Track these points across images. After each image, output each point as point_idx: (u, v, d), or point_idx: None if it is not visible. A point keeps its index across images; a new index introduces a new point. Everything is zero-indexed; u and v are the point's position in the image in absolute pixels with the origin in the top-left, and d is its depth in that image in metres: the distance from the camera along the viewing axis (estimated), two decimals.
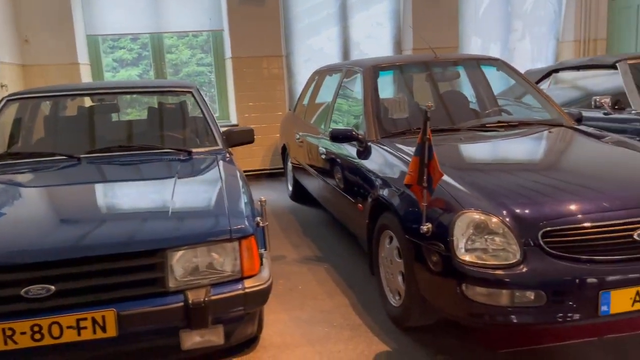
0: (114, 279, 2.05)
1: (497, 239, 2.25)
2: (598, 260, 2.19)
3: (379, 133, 3.42)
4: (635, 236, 2.21)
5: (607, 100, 4.31)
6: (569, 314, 2.16)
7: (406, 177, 2.43)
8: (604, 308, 2.15)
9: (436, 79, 4.05)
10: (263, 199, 2.44)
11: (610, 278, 2.15)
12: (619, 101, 4.30)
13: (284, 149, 6.01)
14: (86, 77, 6.69)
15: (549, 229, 2.21)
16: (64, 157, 3.09)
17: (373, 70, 3.83)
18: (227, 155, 3.27)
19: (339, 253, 4.04)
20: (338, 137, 3.49)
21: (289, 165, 5.77)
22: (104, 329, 1.97)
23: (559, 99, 5.26)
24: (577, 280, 2.15)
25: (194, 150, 3.28)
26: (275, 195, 6.18)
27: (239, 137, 3.55)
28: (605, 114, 4.35)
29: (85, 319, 1.96)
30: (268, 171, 7.34)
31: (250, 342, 2.73)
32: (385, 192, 2.90)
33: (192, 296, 2.03)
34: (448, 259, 2.29)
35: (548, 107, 3.74)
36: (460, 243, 2.27)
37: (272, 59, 7.08)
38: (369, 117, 3.52)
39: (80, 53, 6.50)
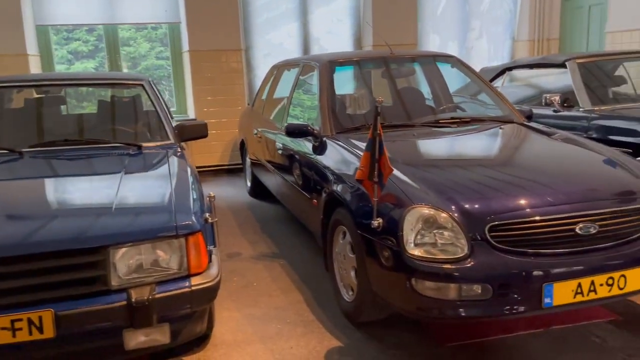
0: (53, 277, 1.96)
1: (445, 233, 2.27)
2: (542, 254, 2.24)
3: (334, 128, 3.41)
4: (577, 230, 2.27)
5: (556, 98, 4.42)
6: (514, 307, 2.20)
7: (357, 172, 2.43)
8: (547, 300, 2.20)
9: (392, 75, 4.07)
10: (212, 195, 2.39)
11: (553, 271, 2.21)
12: (568, 99, 4.42)
13: (242, 145, 5.94)
14: (35, 68, 6.44)
15: (495, 223, 2.25)
16: (5, 152, 2.96)
17: (329, 66, 3.81)
18: (179, 149, 3.20)
19: (295, 249, 4.02)
20: (294, 132, 3.46)
21: (248, 160, 5.71)
22: (40, 330, 1.89)
23: (513, 96, 5.37)
24: (521, 273, 2.19)
25: (144, 144, 3.19)
26: (233, 191, 6.10)
27: (192, 132, 3.48)
28: (555, 111, 4.47)
29: (20, 319, 1.87)
30: (227, 167, 7.25)
31: (201, 341, 2.68)
32: (339, 188, 2.89)
33: (135, 295, 1.97)
34: (398, 253, 2.29)
35: (500, 105, 3.81)
36: (409, 238, 2.28)
37: (231, 53, 6.99)
38: (324, 112, 3.50)
39: (29, 44, 6.25)
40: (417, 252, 2.26)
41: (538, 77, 5.37)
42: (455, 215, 2.28)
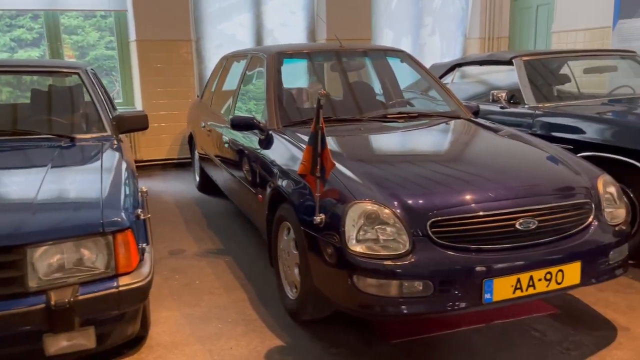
0: None
1: (387, 229, 2.23)
2: (483, 249, 2.23)
3: (281, 121, 3.32)
4: (517, 225, 2.27)
5: (503, 94, 4.47)
6: (455, 303, 2.18)
7: (299, 167, 2.35)
8: (487, 296, 2.19)
9: (342, 68, 4.01)
10: (144, 189, 2.26)
11: (493, 266, 2.20)
12: (514, 96, 4.48)
13: (191, 138, 5.77)
14: None
15: (437, 219, 2.22)
16: None
17: (277, 57, 3.72)
18: (115, 142, 3.04)
19: (241, 246, 3.92)
20: (239, 124, 3.36)
21: (196, 154, 5.55)
22: None
23: (463, 93, 5.43)
24: (462, 269, 2.17)
25: (78, 136, 3.02)
26: (181, 186, 5.93)
27: (131, 123, 3.32)
28: (501, 107, 4.52)
29: None
30: (176, 161, 7.04)
31: (135, 343, 2.55)
32: (283, 183, 2.81)
33: (55, 297, 1.84)
34: (340, 250, 2.24)
35: (448, 100, 3.81)
36: (351, 234, 2.22)
37: (181, 43, 6.78)
38: (270, 104, 3.41)
39: None
40: (358, 248, 2.21)
41: (488, 74, 5.43)
42: (398, 211, 2.24)
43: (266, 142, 3.24)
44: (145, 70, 6.69)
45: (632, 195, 3.37)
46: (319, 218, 2.33)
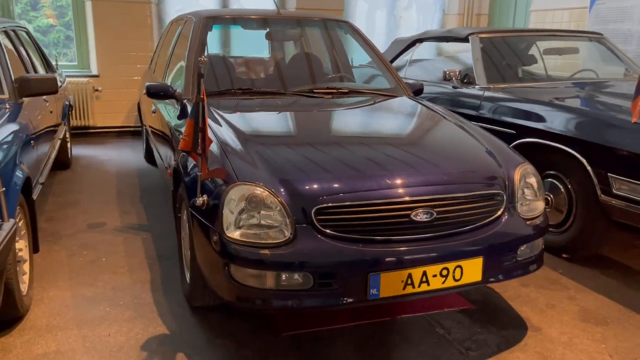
0: None
1: (270, 215, 2.03)
2: (372, 241, 2.04)
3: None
4: (412, 216, 2.08)
5: (455, 72, 4.24)
6: (338, 298, 2.00)
7: (180, 142, 2.14)
8: (373, 291, 2.02)
9: (276, 37, 3.76)
10: None
11: (381, 260, 2.01)
12: (468, 75, 4.25)
13: (139, 107, 5.53)
14: None
15: (321, 206, 2.02)
16: None
17: (205, 22, 3.46)
18: (8, 106, 2.80)
19: (166, 224, 3.72)
20: (154, 93, 3.11)
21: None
22: None
23: (421, 70, 5.19)
24: (344, 262, 1.99)
25: None
26: (130, 156, 5.71)
27: (37, 87, 3.08)
28: (454, 87, 4.29)
29: None
30: (132, 129, 6.79)
31: (9, 325, 2.37)
32: (182, 159, 2.60)
33: None
34: (218, 236, 2.04)
35: (388, 77, 3.58)
36: (230, 218, 2.03)
37: (140, 5, 6.46)
38: (189, 72, 3.16)
39: None
40: (237, 234, 2.01)
41: (454, 52, 5.18)
42: (281, 195, 2.03)
43: (180, 113, 3.02)
44: (101, 32, 6.38)
45: (570, 186, 3.19)
46: (200, 200, 2.13)
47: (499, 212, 2.26)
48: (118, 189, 4.52)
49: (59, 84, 4.89)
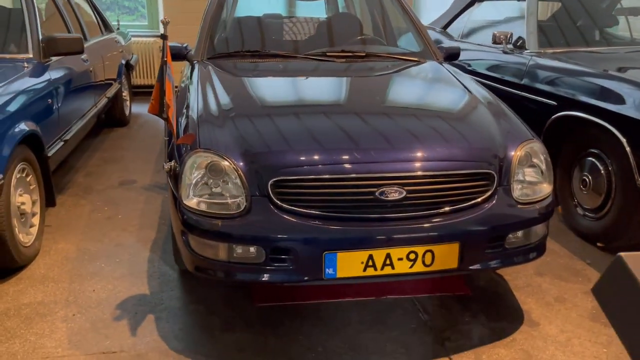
0: None
1: (227, 185, 1.96)
2: (329, 218, 1.91)
3: (206, 52, 3.05)
4: (377, 194, 1.92)
5: (506, 35, 3.83)
6: (291, 274, 1.91)
7: (149, 105, 2.11)
8: (329, 271, 1.90)
9: None
10: None
11: (338, 238, 1.89)
12: (521, 38, 3.83)
13: None
14: None
15: (279, 178, 1.92)
16: None
17: None
18: (26, 65, 2.93)
19: None
20: (171, 53, 3.12)
21: None
22: None
23: (477, 32, 4.77)
24: (298, 238, 1.88)
25: None
26: None
27: (62, 46, 3.19)
28: (504, 52, 3.90)
29: None
30: None
31: (9, 273, 2.54)
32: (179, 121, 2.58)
33: None
34: (178, 203, 2.02)
35: (418, 40, 3.32)
36: (188, 186, 1.98)
37: None
38: (202, 32, 3.15)
39: None
40: (194, 203, 1.97)
41: (512, 11, 4.71)
42: (240, 165, 1.95)
43: (189, 75, 3.00)
44: None
45: (610, 168, 2.80)
46: (167, 166, 2.11)
47: (487, 194, 2.03)
48: (162, 147, 4.67)
49: (120, 43, 5.09)
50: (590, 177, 2.95)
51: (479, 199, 2.01)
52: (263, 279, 1.94)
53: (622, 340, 0.52)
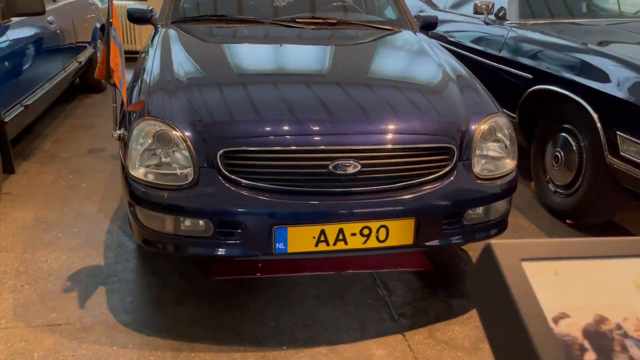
0: None
1: (175, 155, 1.89)
2: (280, 191, 1.85)
3: (171, 16, 2.92)
4: (331, 168, 1.85)
5: (487, 5, 3.72)
6: (240, 248, 1.86)
7: (96, 70, 2.02)
8: (279, 245, 1.85)
9: None
10: None
11: (288, 213, 1.83)
12: (503, 9, 3.72)
13: None
14: None
15: (229, 149, 1.84)
16: None
17: None
18: None
19: None
20: (134, 17, 3.00)
21: None
22: None
23: (465, 1, 4.64)
24: (246, 212, 1.82)
25: None
26: None
27: (23, 6, 3.06)
28: (485, 22, 3.79)
29: None
30: None
31: None
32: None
33: None
34: (125, 173, 1.94)
35: (394, 8, 3.20)
36: (136, 155, 1.90)
37: None
38: None
39: None
40: (140, 173, 1.89)
41: None
42: (188, 135, 1.87)
43: (151, 39, 2.88)
44: None
45: (583, 144, 2.74)
46: (116, 133, 2.03)
47: (446, 169, 1.96)
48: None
49: (96, 5, 4.90)
50: (562, 153, 2.89)
51: (437, 174, 1.95)
52: (211, 253, 1.88)
53: (485, 332, 0.47)
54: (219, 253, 1.88)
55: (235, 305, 2.12)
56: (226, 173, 1.85)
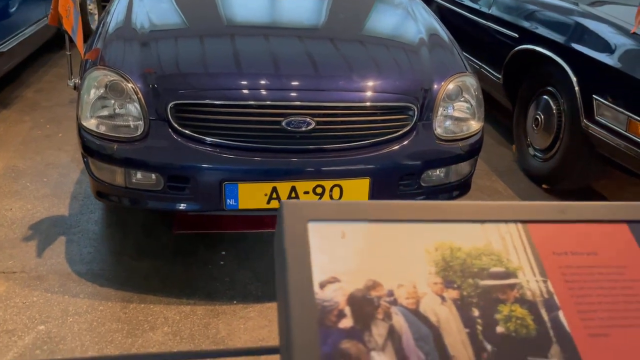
0: None
1: (126, 106, 1.85)
2: (232, 147, 1.81)
3: None
4: (284, 124, 1.80)
5: None
6: (191, 203, 1.84)
7: (49, 15, 1.96)
8: (230, 202, 1.83)
9: None
10: None
11: (239, 169, 1.80)
12: None
13: None
14: None
15: (179, 102, 1.80)
16: None
17: None
18: None
19: None
20: None
21: None
22: None
23: None
24: (196, 166, 1.79)
25: None
26: None
27: None
28: None
29: None
30: None
31: None
32: None
33: None
34: (78, 124, 1.91)
35: None
36: (87, 106, 1.87)
37: None
38: None
39: None
40: (92, 124, 1.86)
41: None
42: (139, 86, 1.83)
43: None
44: None
45: (562, 107, 2.66)
46: (71, 82, 1.99)
47: (405, 129, 1.91)
48: None
49: None
50: (542, 116, 2.81)
51: (395, 134, 1.90)
52: (161, 206, 1.88)
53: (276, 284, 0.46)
54: (170, 207, 1.87)
55: (193, 260, 2.13)
56: (176, 126, 1.81)
